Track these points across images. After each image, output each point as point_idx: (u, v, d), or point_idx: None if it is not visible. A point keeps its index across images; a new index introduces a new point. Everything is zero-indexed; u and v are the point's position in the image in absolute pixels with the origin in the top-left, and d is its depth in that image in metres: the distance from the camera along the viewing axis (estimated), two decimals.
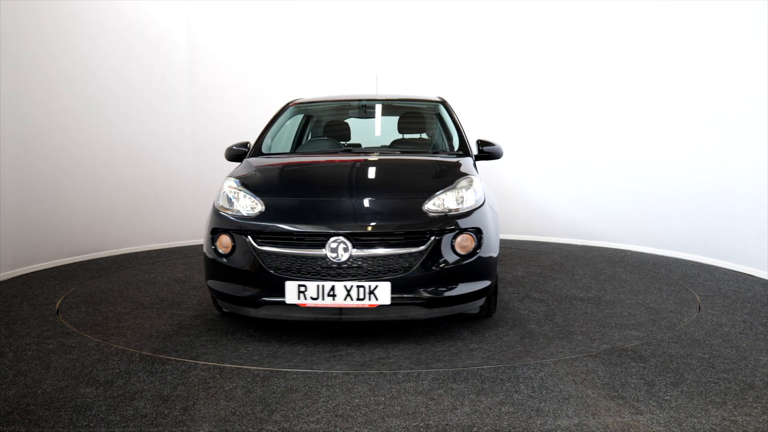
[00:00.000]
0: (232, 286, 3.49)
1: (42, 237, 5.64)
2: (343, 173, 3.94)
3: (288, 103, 5.16)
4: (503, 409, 2.60)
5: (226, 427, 2.43)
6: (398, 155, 4.38)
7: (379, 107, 5.23)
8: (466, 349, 3.39)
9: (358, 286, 3.24)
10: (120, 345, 3.44)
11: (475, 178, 3.75)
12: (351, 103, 5.24)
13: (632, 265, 5.74)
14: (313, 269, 3.30)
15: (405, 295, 3.29)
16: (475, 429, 2.42)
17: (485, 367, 3.09)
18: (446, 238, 3.38)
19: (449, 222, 3.41)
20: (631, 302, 4.33)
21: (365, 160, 4.12)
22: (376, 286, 3.24)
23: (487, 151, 4.39)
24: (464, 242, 3.42)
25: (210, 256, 3.59)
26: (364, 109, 5.28)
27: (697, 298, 4.51)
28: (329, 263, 3.28)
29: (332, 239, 3.27)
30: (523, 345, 3.44)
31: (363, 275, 3.27)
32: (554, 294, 4.58)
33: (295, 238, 3.36)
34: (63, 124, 5.84)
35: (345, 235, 3.28)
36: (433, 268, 3.34)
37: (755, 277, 5.19)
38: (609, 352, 3.32)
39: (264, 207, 3.52)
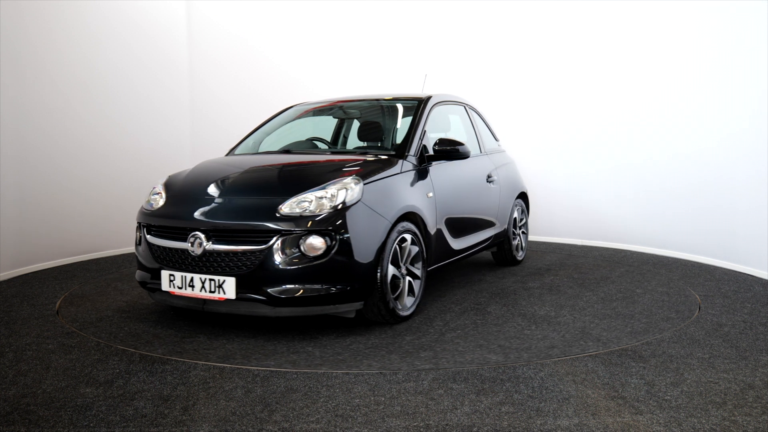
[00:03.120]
0: (139, 273, 3.95)
1: (42, 237, 5.64)
2: (235, 173, 4.06)
3: (289, 107, 5.33)
4: (503, 409, 2.60)
5: (226, 427, 2.43)
6: (327, 155, 4.41)
7: (367, 108, 5.20)
8: (287, 350, 3.33)
9: (210, 279, 3.47)
10: (120, 345, 3.44)
11: (352, 181, 3.63)
12: (338, 104, 5.23)
13: (632, 265, 5.73)
14: (180, 260, 3.61)
15: (248, 292, 3.42)
16: (475, 429, 2.42)
17: (485, 367, 3.09)
18: (292, 239, 3.41)
19: (301, 222, 3.42)
20: (574, 327, 3.72)
21: (271, 163, 4.25)
22: (224, 281, 3.44)
23: (443, 152, 4.34)
24: (314, 243, 3.41)
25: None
26: (342, 110, 5.25)
27: (697, 298, 4.51)
28: (190, 256, 3.55)
29: (191, 234, 3.55)
30: (351, 355, 3.27)
31: (215, 269, 3.48)
32: (515, 310, 4.13)
33: (167, 231, 3.72)
34: (63, 124, 5.84)
35: (202, 231, 3.52)
36: (277, 267, 3.39)
37: (755, 277, 5.19)
38: (609, 352, 3.32)
39: (163, 203, 3.91)
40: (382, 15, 7.67)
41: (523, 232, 5.94)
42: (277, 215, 3.45)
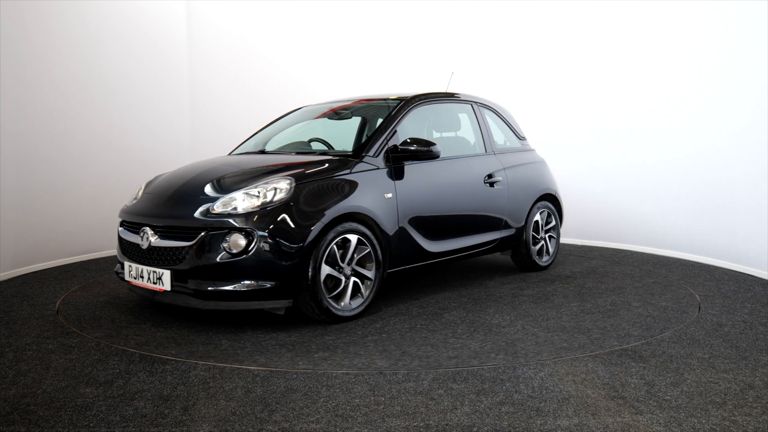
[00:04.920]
0: (117, 264, 4.22)
1: (42, 237, 5.65)
2: (198, 173, 4.19)
3: (295, 109, 5.42)
4: (503, 409, 2.60)
5: (226, 427, 2.43)
6: (291, 156, 4.46)
7: (364, 109, 5.15)
8: (201, 341, 3.50)
9: (153, 272, 3.75)
10: (120, 345, 3.44)
11: (284, 180, 3.74)
12: (333, 105, 5.23)
13: (632, 265, 5.73)
14: (135, 253, 3.89)
15: (180, 285, 3.66)
16: (475, 429, 2.42)
17: (485, 367, 3.09)
18: (216, 235, 3.58)
19: (226, 220, 3.59)
20: (506, 339, 3.48)
21: (237, 163, 4.34)
22: (162, 273, 3.69)
23: (408, 152, 4.26)
24: (236, 240, 3.56)
25: None
26: (335, 112, 5.23)
27: (697, 298, 4.51)
28: (140, 249, 3.83)
29: (141, 229, 3.85)
30: (253, 350, 3.35)
31: (157, 262, 3.75)
32: (470, 318, 3.96)
33: (130, 226, 4.03)
34: (63, 123, 5.84)
35: (150, 226, 3.82)
36: (202, 262, 3.58)
37: (755, 277, 5.19)
38: (609, 352, 3.32)
39: (137, 200, 4.20)
40: (397, 14, 7.63)
41: (551, 237, 5.64)
42: (209, 213, 3.64)
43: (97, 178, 6.17)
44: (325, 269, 3.74)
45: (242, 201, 3.66)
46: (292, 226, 3.63)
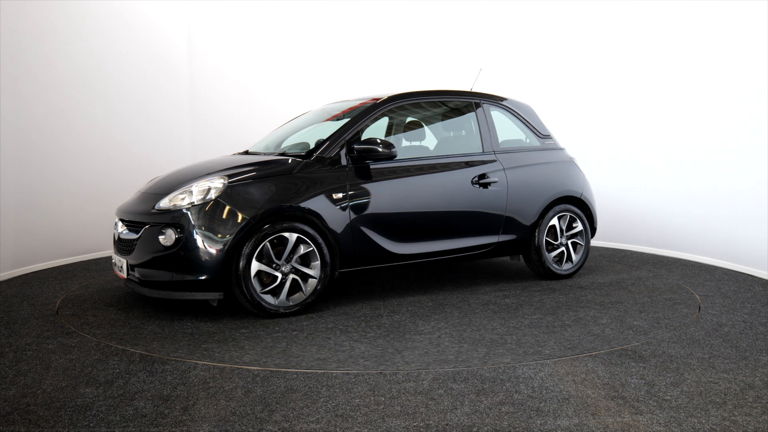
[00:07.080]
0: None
1: (42, 237, 5.65)
2: (176, 171, 4.54)
3: (305, 112, 5.53)
4: (503, 409, 2.60)
5: (226, 427, 2.44)
6: (260, 156, 4.57)
7: (349, 110, 5.16)
8: (128, 326, 3.80)
9: (118, 260, 4.15)
10: (120, 345, 3.44)
11: (218, 179, 3.97)
12: (328, 108, 5.24)
13: (632, 265, 5.73)
14: (114, 243, 4.28)
15: (131, 274, 4.03)
16: (475, 429, 2.42)
17: (485, 367, 3.09)
18: (155, 230, 3.90)
19: (162, 216, 3.91)
20: (399, 346, 3.34)
21: (213, 163, 4.56)
22: (123, 263, 4.08)
23: (362, 152, 4.23)
24: (167, 235, 3.85)
25: None
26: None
27: (697, 298, 4.51)
28: (115, 240, 4.25)
29: (116, 222, 4.27)
30: (158, 337, 3.58)
31: (122, 252, 4.12)
32: (401, 322, 3.83)
33: (117, 220, 4.34)
34: (63, 124, 5.85)
35: (121, 220, 4.21)
36: (143, 254, 3.93)
37: (755, 277, 5.19)
38: (609, 352, 3.32)
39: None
40: (418, 12, 7.67)
41: (575, 243, 5.18)
42: (156, 208, 3.97)
43: (97, 179, 6.17)
44: (256, 265, 3.86)
45: (180, 198, 3.95)
46: (220, 223, 3.83)
